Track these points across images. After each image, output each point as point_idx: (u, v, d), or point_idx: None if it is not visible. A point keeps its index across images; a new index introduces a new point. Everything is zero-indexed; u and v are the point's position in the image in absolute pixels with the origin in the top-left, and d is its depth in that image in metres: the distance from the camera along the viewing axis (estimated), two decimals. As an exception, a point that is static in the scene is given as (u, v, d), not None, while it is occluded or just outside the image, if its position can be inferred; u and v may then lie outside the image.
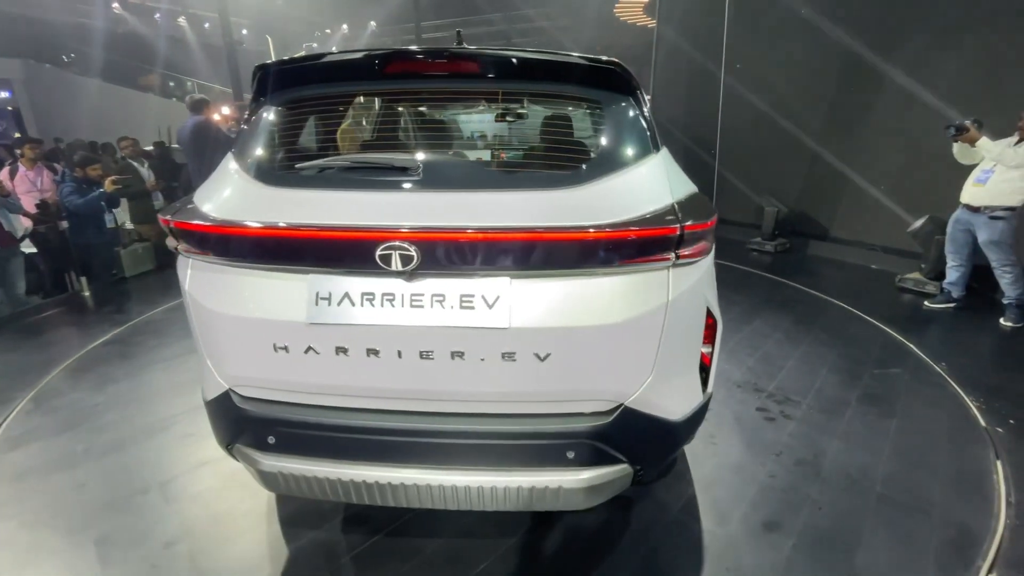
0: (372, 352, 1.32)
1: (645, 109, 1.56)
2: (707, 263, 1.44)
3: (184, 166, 9.01)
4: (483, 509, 1.47)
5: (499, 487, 1.40)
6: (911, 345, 3.45)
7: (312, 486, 1.46)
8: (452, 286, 1.29)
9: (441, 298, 1.28)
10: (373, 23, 22.21)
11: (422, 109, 1.81)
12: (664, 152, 1.55)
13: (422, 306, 1.28)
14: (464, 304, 1.28)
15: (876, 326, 3.79)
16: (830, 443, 2.42)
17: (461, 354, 1.31)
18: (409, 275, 1.28)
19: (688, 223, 1.29)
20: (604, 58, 1.48)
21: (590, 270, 1.30)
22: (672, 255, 1.31)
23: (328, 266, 1.32)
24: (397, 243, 1.24)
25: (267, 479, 1.49)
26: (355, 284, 1.30)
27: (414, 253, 1.24)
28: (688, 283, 1.36)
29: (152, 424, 2.63)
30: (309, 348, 1.34)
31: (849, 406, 2.72)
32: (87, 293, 4.72)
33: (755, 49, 6.32)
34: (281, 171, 1.51)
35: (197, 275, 1.43)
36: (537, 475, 1.39)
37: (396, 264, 1.25)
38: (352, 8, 20.98)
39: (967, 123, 3.71)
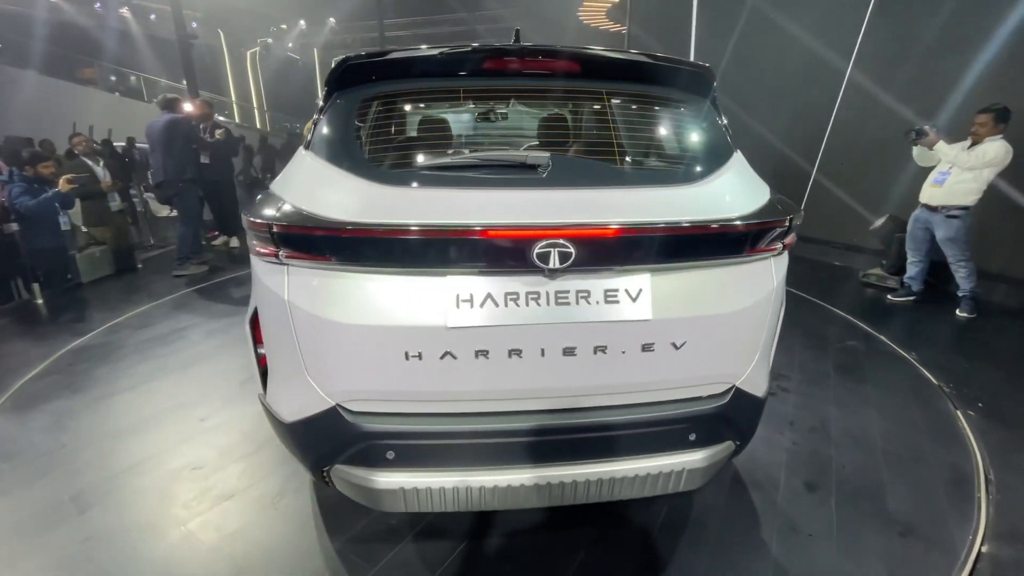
0: (514, 352, 1.29)
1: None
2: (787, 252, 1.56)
3: (132, 165, 8.53)
4: (612, 499, 1.49)
5: (629, 476, 1.43)
6: (882, 337, 3.66)
7: (438, 498, 1.39)
8: (596, 282, 1.29)
9: (586, 294, 1.29)
10: (332, 20, 21.66)
11: (524, 107, 1.77)
12: (739, 151, 1.61)
13: (568, 303, 1.28)
14: (609, 299, 1.29)
15: (846, 319, 4.01)
16: (829, 410, 2.69)
17: (604, 348, 1.32)
18: (552, 273, 1.26)
19: (792, 215, 1.42)
20: (697, 62, 1.54)
21: (718, 260, 1.39)
22: (780, 245, 1.44)
23: (472, 267, 1.26)
24: (557, 240, 1.22)
25: (383, 497, 1.40)
26: (498, 284, 1.27)
27: (572, 250, 1.23)
28: (783, 270, 1.50)
29: (143, 461, 2.27)
30: (446, 353, 1.28)
31: (830, 377, 3.01)
32: (40, 301, 4.37)
33: (723, 54, 6.55)
34: (397, 170, 1.43)
35: (303, 282, 1.29)
36: (664, 460, 1.45)
37: (554, 262, 1.23)
38: (310, 3, 20.37)
39: (927, 128, 3.98)
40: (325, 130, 1.47)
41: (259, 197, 1.49)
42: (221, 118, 17.22)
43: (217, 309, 4.17)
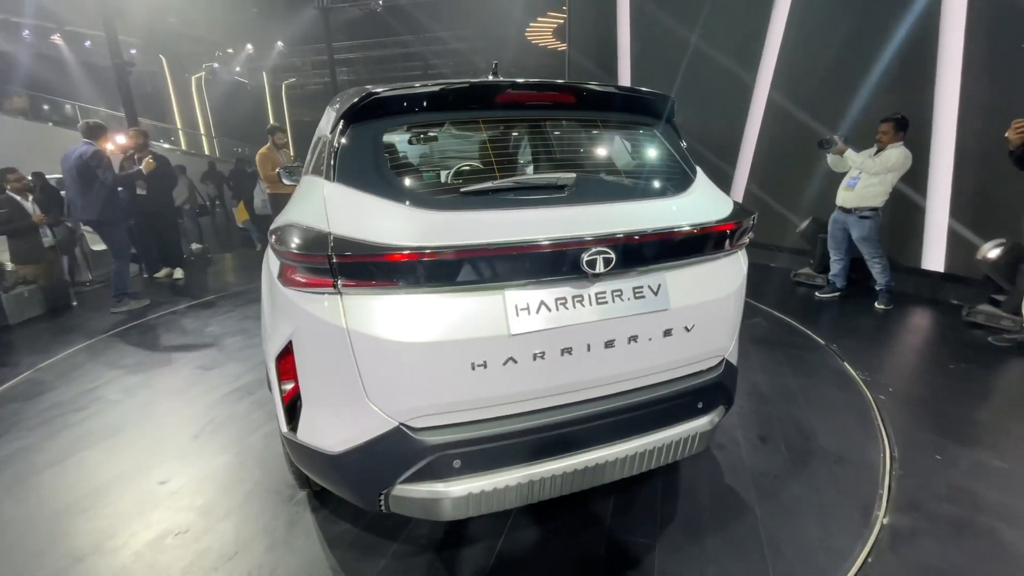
0: (566, 351, 1.44)
1: None
2: None
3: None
4: (642, 471, 1.69)
5: (658, 447, 1.65)
6: (808, 331, 3.92)
7: (502, 496, 1.48)
8: (626, 281, 1.50)
9: (619, 292, 1.49)
10: (280, 43, 21.46)
11: (536, 133, 1.89)
12: (698, 167, 1.89)
13: (606, 302, 1.47)
14: (637, 295, 1.51)
15: (779, 318, 4.26)
16: (758, 377, 3.15)
17: (635, 337, 1.52)
18: (594, 277, 1.44)
19: (754, 215, 1.75)
20: (663, 92, 1.83)
21: (711, 255, 1.66)
22: (747, 239, 1.78)
23: (528, 277, 1.39)
24: (602, 248, 1.40)
25: (451, 506, 1.45)
26: (549, 292, 1.42)
27: (613, 255, 1.41)
28: (746, 260, 1.83)
29: (109, 539, 1.93)
30: (509, 359, 1.39)
31: (757, 366, 3.11)
32: (-40, 347, 4.12)
33: (653, 75, 6.91)
34: (442, 196, 1.50)
35: (365, 308, 1.32)
36: (682, 427, 1.69)
37: (600, 267, 1.40)
38: (256, 27, 20.14)
39: (836, 138, 4.32)
40: (357, 161, 1.50)
41: (282, 230, 1.47)
42: (167, 145, 16.71)
43: (135, 359, 3.72)
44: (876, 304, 4.44)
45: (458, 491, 1.43)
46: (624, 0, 7.04)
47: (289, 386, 1.56)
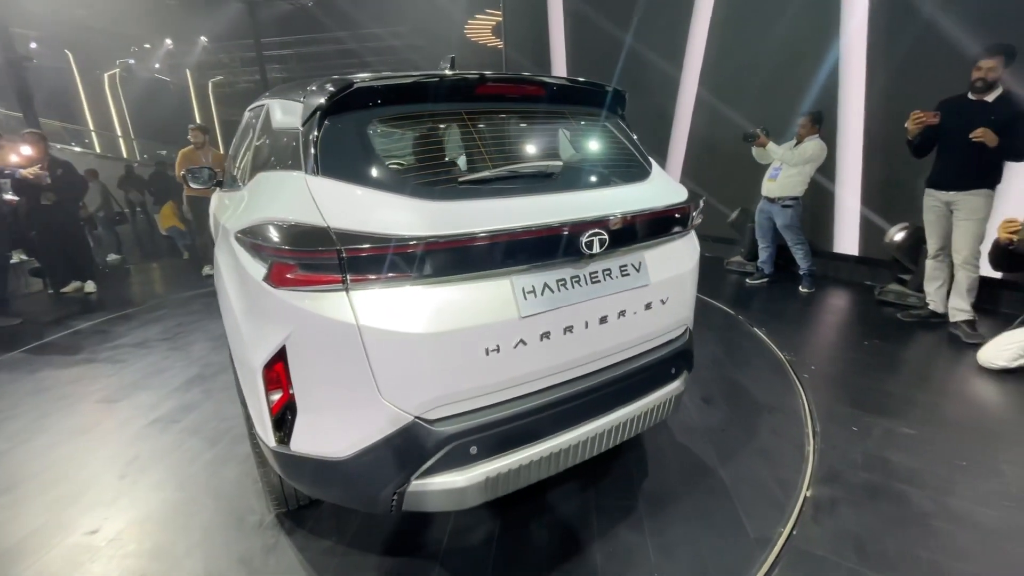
0: (568, 329, 1.52)
1: None
2: None
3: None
4: (630, 437, 1.80)
5: (644, 412, 1.76)
6: (740, 316, 4.10)
7: (516, 476, 1.51)
8: (614, 260, 1.62)
9: (609, 271, 1.60)
10: (204, 38, 20.21)
11: (516, 124, 1.88)
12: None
13: (599, 281, 1.58)
14: (623, 272, 1.63)
15: (714, 304, 4.43)
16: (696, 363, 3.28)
17: (623, 312, 1.63)
18: (590, 258, 1.53)
19: (703, 198, 1.82)
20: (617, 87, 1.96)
21: (677, 234, 1.83)
22: (700, 219, 1.96)
23: (532, 260, 1.45)
24: (597, 230, 1.50)
25: (470, 494, 1.44)
26: (551, 274, 1.49)
27: (607, 236, 1.51)
28: (696, 238, 1.99)
29: None
30: (519, 341, 1.43)
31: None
32: None
33: (590, 71, 7.03)
34: (441, 186, 1.48)
35: (376, 303, 1.30)
36: (660, 392, 1.82)
37: (596, 247, 1.50)
38: (175, 21, 18.83)
39: (758, 131, 4.54)
40: (345, 153, 1.44)
41: (266, 228, 1.38)
42: (78, 148, 15.31)
43: (21, 395, 3.14)
44: (800, 288, 4.71)
45: (475, 477, 1.43)
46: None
47: (277, 396, 1.45)
